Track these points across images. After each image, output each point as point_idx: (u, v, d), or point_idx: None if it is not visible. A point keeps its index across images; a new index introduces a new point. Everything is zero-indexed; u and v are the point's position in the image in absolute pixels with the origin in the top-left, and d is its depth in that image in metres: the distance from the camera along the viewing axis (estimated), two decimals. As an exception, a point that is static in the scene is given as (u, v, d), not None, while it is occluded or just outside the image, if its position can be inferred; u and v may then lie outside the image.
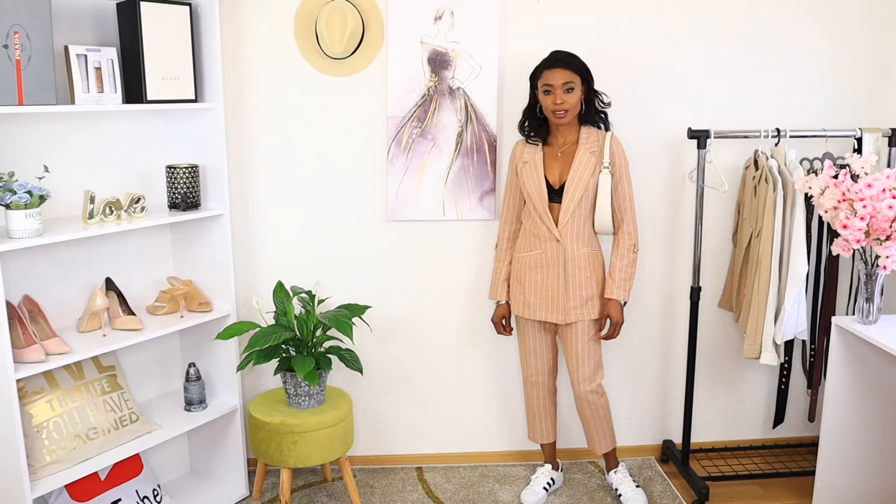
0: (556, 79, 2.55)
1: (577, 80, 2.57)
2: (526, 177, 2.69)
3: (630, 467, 3.16)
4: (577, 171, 2.62)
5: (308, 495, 2.98)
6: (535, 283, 2.72)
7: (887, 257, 2.41)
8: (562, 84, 2.55)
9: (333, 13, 2.76)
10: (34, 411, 2.33)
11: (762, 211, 2.79)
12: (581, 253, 2.68)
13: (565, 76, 2.55)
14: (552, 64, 2.58)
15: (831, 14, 3.00)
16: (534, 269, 2.72)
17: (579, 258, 2.68)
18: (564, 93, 2.55)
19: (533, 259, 2.72)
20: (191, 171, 2.62)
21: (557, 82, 2.55)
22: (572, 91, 2.57)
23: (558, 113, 2.58)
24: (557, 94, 2.55)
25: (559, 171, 2.66)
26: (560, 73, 2.56)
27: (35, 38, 2.13)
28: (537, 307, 2.73)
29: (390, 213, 2.99)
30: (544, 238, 2.68)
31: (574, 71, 2.57)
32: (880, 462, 2.73)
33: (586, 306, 2.72)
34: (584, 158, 2.63)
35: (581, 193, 2.63)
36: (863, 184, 2.40)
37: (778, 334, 2.81)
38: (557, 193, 2.65)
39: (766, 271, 2.79)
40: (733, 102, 3.03)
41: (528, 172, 2.69)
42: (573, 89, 2.57)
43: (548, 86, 2.57)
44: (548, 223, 2.65)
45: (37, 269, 2.44)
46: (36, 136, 2.39)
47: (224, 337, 2.66)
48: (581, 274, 2.69)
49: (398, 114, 2.91)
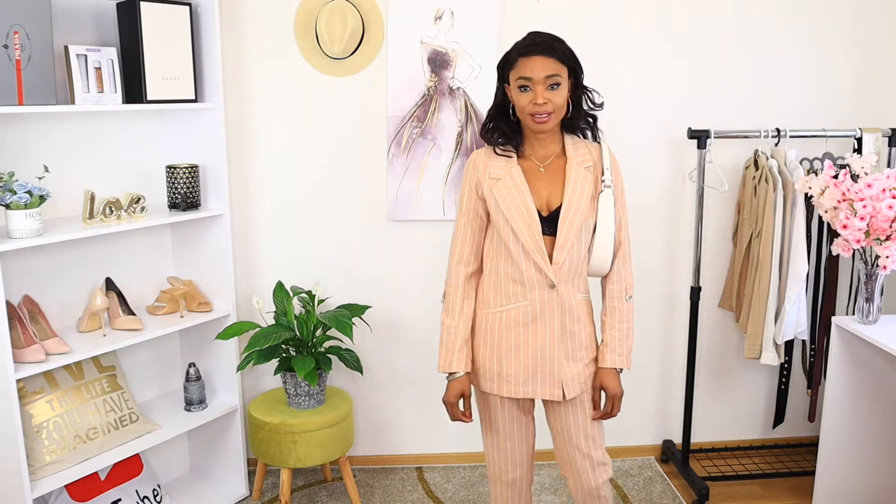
0: (537, 70, 1.87)
1: (563, 72, 1.89)
2: (502, 199, 1.95)
3: (630, 467, 3.16)
4: (575, 192, 1.96)
5: (308, 495, 2.98)
6: (518, 348, 1.99)
7: (887, 257, 2.41)
8: (544, 78, 1.86)
9: (333, 13, 2.76)
10: (34, 411, 2.33)
11: (762, 211, 2.80)
12: (578, 301, 2.01)
13: (549, 67, 1.87)
14: (530, 50, 1.89)
15: (831, 14, 3.00)
16: (515, 329, 1.99)
17: (577, 308, 2.00)
18: (548, 89, 1.88)
19: (514, 314, 1.98)
20: (191, 171, 2.62)
21: (538, 75, 1.86)
22: (558, 87, 1.89)
23: (539, 116, 1.89)
24: (539, 92, 1.87)
25: (546, 193, 1.97)
26: (541, 62, 1.87)
27: (35, 38, 2.13)
28: (521, 381, 2.00)
29: (390, 212, 2.99)
30: (532, 284, 1.95)
31: (560, 60, 1.88)
32: (880, 462, 2.73)
33: (588, 370, 2.05)
34: (579, 175, 1.97)
35: (581, 222, 1.95)
36: (863, 184, 2.40)
37: (778, 334, 2.81)
38: (548, 222, 1.96)
39: (766, 271, 2.79)
40: (733, 102, 3.02)
41: (506, 193, 1.95)
42: (559, 84, 1.88)
43: (524, 79, 1.88)
44: (541, 263, 1.93)
45: (37, 269, 2.44)
46: (36, 136, 2.39)
47: (224, 337, 2.66)
48: (582, 330, 2.02)
49: (398, 114, 2.91)
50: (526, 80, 1.88)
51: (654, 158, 3.04)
